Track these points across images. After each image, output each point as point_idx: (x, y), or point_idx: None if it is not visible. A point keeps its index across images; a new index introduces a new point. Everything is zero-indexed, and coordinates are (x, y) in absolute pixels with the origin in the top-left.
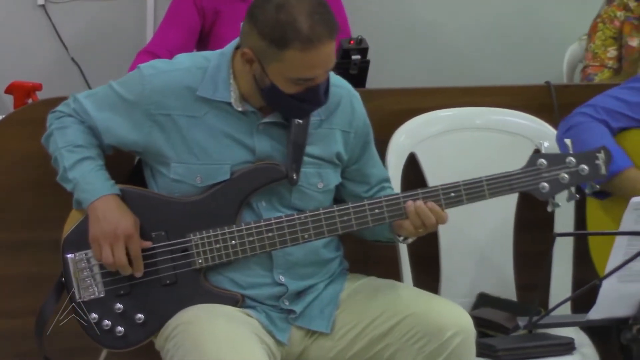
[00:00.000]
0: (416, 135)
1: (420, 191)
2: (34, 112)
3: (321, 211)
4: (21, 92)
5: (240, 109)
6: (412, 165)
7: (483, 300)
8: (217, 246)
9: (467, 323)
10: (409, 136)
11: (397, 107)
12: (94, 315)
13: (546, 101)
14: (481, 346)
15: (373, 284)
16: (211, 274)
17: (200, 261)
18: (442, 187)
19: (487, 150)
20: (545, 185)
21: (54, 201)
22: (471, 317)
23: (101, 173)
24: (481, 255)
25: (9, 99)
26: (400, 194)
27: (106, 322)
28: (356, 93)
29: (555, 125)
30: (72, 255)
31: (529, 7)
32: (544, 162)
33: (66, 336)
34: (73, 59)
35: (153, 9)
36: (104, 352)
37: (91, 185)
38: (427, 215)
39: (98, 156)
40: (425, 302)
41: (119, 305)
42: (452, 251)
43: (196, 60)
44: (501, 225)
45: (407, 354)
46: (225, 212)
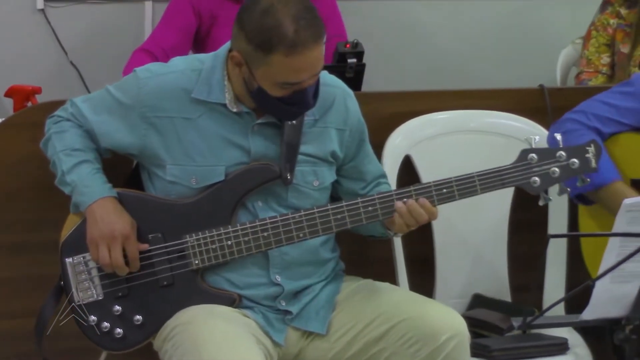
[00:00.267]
0: (411, 137)
1: (412, 188)
2: (34, 116)
3: (315, 210)
4: (21, 96)
5: (235, 110)
6: (408, 167)
7: (477, 301)
8: (213, 247)
9: (462, 327)
10: (404, 139)
11: (393, 110)
12: (93, 317)
13: (540, 104)
14: (476, 346)
15: (369, 287)
16: (208, 275)
17: (196, 262)
18: (435, 184)
19: (482, 152)
20: (536, 179)
21: (53, 203)
22: (466, 318)
23: (98, 176)
24: (476, 256)
25: (9, 103)
26: (393, 192)
27: (105, 324)
28: (350, 91)
29: (548, 128)
30: (71, 259)
31: (523, 11)
32: (535, 157)
33: (66, 337)
34: (72, 63)
35: (151, 14)
36: (104, 354)
37: (89, 188)
38: (419, 212)
39: (95, 159)
40: (420, 306)
41: (118, 307)
42: (447, 252)
43: (191, 62)
44: (495, 226)
45: (403, 358)
46: (220, 213)
